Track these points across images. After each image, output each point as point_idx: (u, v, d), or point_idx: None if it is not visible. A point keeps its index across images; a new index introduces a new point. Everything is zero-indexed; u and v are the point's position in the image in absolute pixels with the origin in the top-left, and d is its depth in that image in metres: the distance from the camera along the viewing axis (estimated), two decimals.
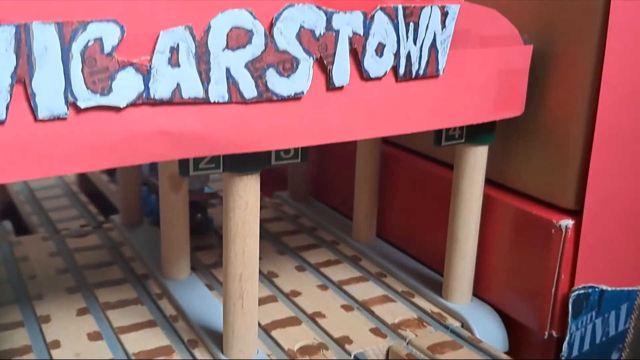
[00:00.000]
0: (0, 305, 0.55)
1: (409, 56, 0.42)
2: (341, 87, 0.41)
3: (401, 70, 0.42)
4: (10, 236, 0.70)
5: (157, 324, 0.53)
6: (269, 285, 0.60)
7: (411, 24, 0.42)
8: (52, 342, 0.49)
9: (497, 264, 0.55)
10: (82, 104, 0.34)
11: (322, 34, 0.39)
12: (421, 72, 0.43)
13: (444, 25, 0.44)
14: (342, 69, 0.40)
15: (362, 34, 0.40)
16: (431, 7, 0.43)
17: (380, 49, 0.41)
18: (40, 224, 0.74)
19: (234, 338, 0.46)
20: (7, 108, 0.32)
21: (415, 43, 0.42)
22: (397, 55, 0.42)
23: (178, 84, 0.36)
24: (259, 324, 0.52)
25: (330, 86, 0.40)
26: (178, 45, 0.35)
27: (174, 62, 0.35)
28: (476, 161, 0.52)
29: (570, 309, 0.49)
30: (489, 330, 0.53)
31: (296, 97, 0.39)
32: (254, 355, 0.47)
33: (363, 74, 0.41)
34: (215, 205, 0.79)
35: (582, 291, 0.49)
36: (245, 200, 0.43)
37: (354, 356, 0.49)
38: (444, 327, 0.53)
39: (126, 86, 0.35)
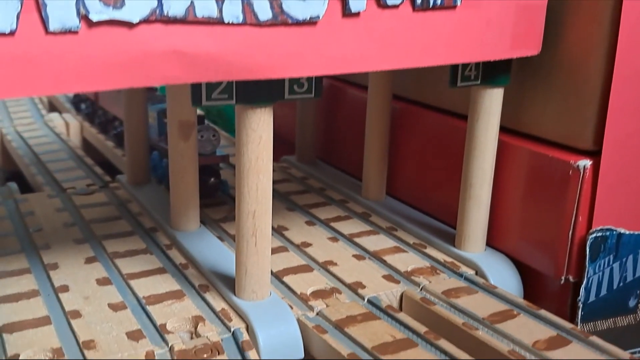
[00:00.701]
0: (6, 254, 0.54)
1: None
2: (357, 14, 0.40)
3: None
4: (15, 195, 0.69)
5: (167, 271, 0.52)
6: (279, 237, 0.59)
7: None
8: (60, 287, 0.49)
9: (512, 211, 0.54)
10: (94, 17, 0.33)
11: None
12: (439, 1, 0.42)
13: None
14: None
15: None
16: None
17: None
18: (45, 183, 0.73)
19: (247, 278, 0.45)
20: (17, 18, 0.31)
21: None
22: None
23: (192, 2, 0.35)
24: (271, 272, 0.51)
25: (346, 12, 0.39)
26: None
27: None
28: (491, 104, 0.51)
29: (587, 252, 0.48)
30: (504, 277, 0.52)
31: (311, 22, 0.38)
32: (267, 296, 0.46)
33: (380, 1, 0.40)
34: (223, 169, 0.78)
35: (599, 234, 0.48)
36: (258, 135, 0.42)
37: (368, 300, 0.48)
38: (457, 275, 0.53)
39: (139, 0, 0.34)
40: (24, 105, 1.15)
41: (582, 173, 0.48)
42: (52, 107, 1.22)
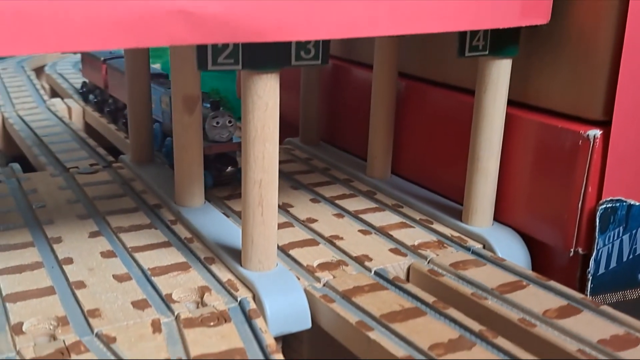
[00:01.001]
0: (8, 229, 0.53)
1: None
2: None
3: None
4: (18, 174, 0.68)
5: (172, 244, 0.51)
6: (284, 213, 0.59)
7: None
8: (64, 259, 0.48)
9: (520, 185, 0.53)
10: None
11: None
12: None
13: None
14: None
15: None
16: None
17: None
18: (48, 163, 0.73)
19: (253, 248, 0.45)
20: None
21: None
22: None
23: None
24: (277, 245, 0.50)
25: None
26: None
27: None
28: (499, 75, 0.50)
29: (597, 224, 0.48)
30: (512, 250, 0.52)
31: None
32: (273, 267, 0.46)
33: None
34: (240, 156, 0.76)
35: (609, 205, 0.48)
36: (265, 102, 0.42)
37: (375, 272, 0.48)
38: (465, 248, 0.52)
39: None
40: (26, 91, 1.15)
41: (592, 143, 0.47)
42: (54, 94, 1.22)
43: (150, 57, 0.68)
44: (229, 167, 0.64)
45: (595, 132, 0.47)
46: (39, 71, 1.40)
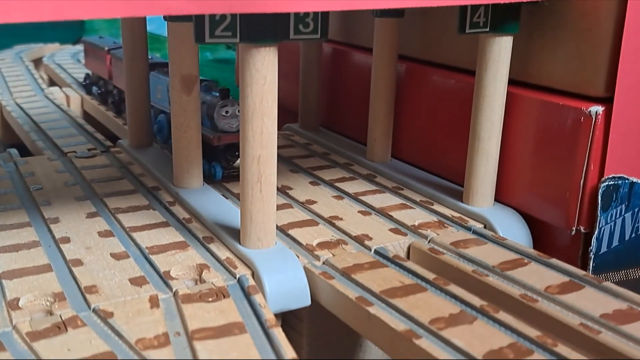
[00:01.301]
0: (5, 210, 0.53)
1: None
2: None
3: None
4: (15, 158, 0.68)
5: (170, 224, 0.51)
6: (283, 195, 0.58)
7: None
8: (61, 238, 0.48)
9: (521, 164, 0.53)
10: None
11: None
12: None
13: None
14: None
15: None
16: None
17: None
18: (46, 148, 0.72)
19: (252, 226, 0.44)
20: None
21: None
22: None
23: None
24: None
25: None
26: None
27: None
28: (500, 53, 0.50)
29: (599, 201, 0.47)
30: (513, 230, 0.52)
31: None
32: (272, 245, 0.45)
33: None
34: None
35: (612, 182, 0.47)
36: (263, 75, 0.41)
37: (375, 250, 0.47)
38: (465, 228, 0.52)
39: None
40: (24, 80, 1.14)
41: (594, 120, 0.47)
42: (53, 84, 1.21)
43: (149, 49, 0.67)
44: (238, 159, 0.56)
45: (597, 109, 0.47)
46: (37, 63, 1.40)
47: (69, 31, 1.89)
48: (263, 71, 0.41)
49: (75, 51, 1.48)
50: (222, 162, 0.60)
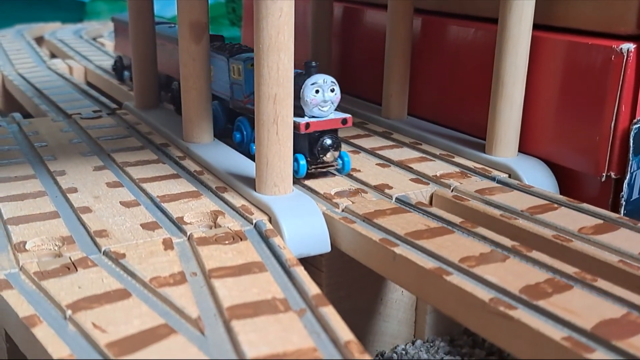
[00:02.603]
0: (9, 164, 0.51)
1: None
2: None
3: None
4: (19, 120, 0.66)
5: (181, 176, 0.49)
6: None
7: None
8: (68, 189, 0.46)
9: (546, 111, 0.51)
10: None
11: None
12: None
13: None
14: None
15: None
16: None
17: None
18: (49, 111, 0.70)
19: (268, 170, 0.42)
20: None
21: None
22: None
23: None
24: None
25: None
26: None
27: None
28: None
29: (631, 145, 0.45)
30: (539, 179, 0.49)
31: None
32: (289, 191, 0.43)
33: None
34: None
35: None
36: (279, 7, 0.39)
37: (396, 198, 0.45)
38: (489, 178, 0.49)
39: None
40: (26, 53, 1.12)
41: (625, 58, 0.44)
42: (54, 57, 1.19)
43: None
44: (330, 152, 0.47)
45: (629, 46, 0.44)
46: (39, 41, 1.37)
47: (69, 13, 1.87)
48: (279, 2, 0.39)
49: (77, 29, 1.45)
50: (308, 155, 0.47)
